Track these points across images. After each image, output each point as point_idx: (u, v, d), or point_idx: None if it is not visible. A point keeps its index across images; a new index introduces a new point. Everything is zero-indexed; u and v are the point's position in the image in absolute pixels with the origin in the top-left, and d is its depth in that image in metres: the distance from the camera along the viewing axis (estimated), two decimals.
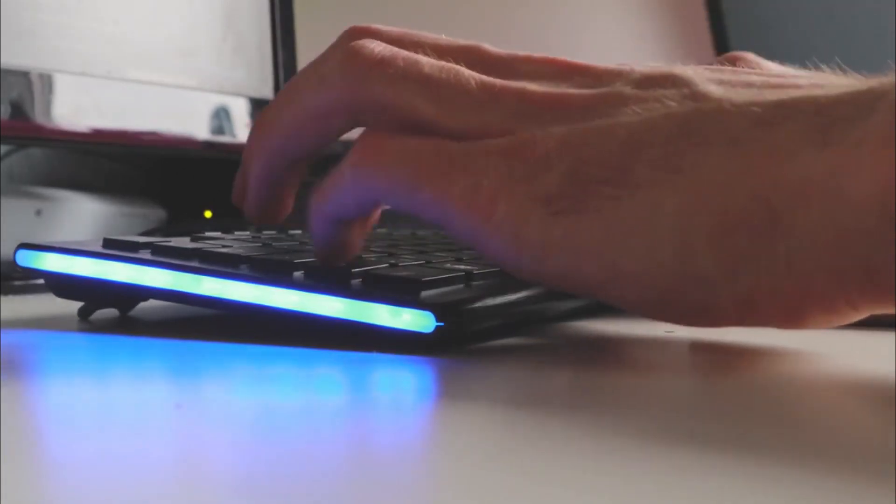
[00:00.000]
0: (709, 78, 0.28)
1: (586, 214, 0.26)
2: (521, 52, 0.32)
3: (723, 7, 1.06)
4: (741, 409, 0.23)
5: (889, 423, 0.22)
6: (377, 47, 0.31)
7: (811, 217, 0.24)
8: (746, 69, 0.30)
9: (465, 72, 0.30)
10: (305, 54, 0.72)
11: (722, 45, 1.05)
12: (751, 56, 0.37)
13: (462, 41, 0.32)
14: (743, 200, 0.25)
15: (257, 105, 0.67)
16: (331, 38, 0.33)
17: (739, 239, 0.25)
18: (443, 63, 0.30)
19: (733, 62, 0.35)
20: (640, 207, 0.26)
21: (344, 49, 0.31)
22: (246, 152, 0.35)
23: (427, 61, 0.30)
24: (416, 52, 0.31)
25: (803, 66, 0.33)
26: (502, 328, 0.34)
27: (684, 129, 0.26)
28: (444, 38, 0.33)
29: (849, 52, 1.15)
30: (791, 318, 0.26)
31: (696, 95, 0.27)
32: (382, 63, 0.30)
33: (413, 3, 0.85)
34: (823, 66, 0.30)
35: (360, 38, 0.31)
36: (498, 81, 0.30)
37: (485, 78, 0.30)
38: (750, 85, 0.28)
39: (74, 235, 0.62)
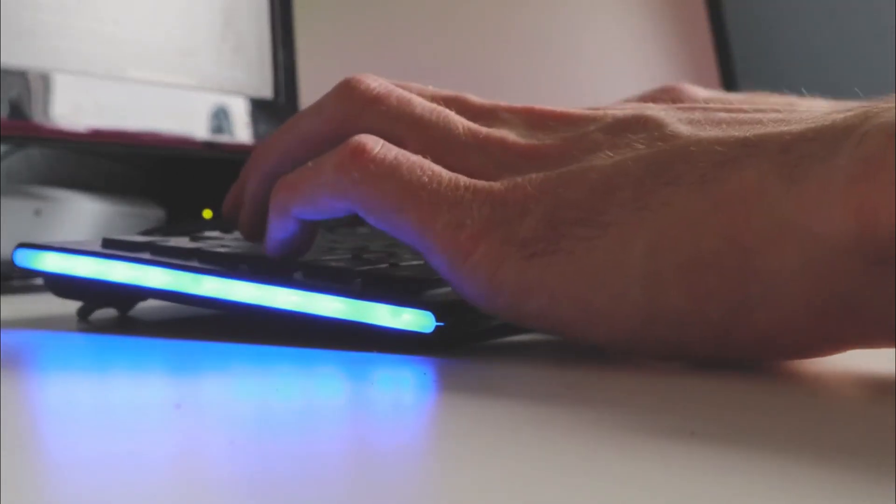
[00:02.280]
0: (679, 118, 0.29)
1: (560, 255, 0.27)
2: (502, 103, 0.33)
3: (723, 7, 1.06)
4: (742, 407, 0.23)
5: (889, 421, 0.22)
6: (373, 83, 0.32)
7: (785, 257, 0.24)
8: (717, 107, 0.30)
9: (454, 116, 0.31)
10: (305, 54, 0.72)
11: (722, 46, 1.05)
12: (684, 86, 0.38)
13: (446, 91, 0.34)
14: (713, 239, 0.25)
15: (257, 105, 0.67)
16: (330, 38, 0.34)
17: (710, 277, 0.25)
18: (434, 105, 0.32)
19: (669, 93, 0.36)
20: (610, 246, 0.26)
21: (342, 83, 0.33)
22: (243, 171, 0.36)
23: (419, 102, 0.32)
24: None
25: (803, 66, 0.33)
26: (502, 328, 0.34)
27: (653, 170, 0.27)
28: (430, 88, 0.34)
29: (848, 51, 1.15)
30: (765, 351, 0.27)
31: (665, 137, 0.28)
32: (377, 99, 0.32)
33: (413, 4, 0.85)
34: (786, 91, 0.30)
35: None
36: (483, 129, 0.31)
37: (471, 124, 0.31)
38: (718, 123, 0.28)
39: (74, 235, 0.62)
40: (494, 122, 0.32)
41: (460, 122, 0.31)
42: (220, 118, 0.65)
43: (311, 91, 0.74)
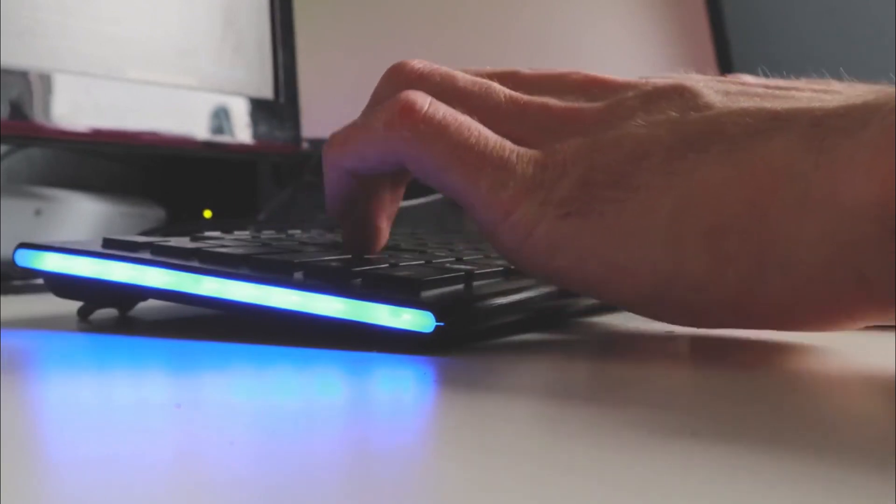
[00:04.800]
0: (715, 90, 0.30)
1: (591, 216, 0.28)
2: (548, 71, 0.34)
3: (722, 6, 1.06)
4: (744, 403, 0.23)
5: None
6: (418, 64, 0.34)
7: (806, 226, 0.25)
8: (754, 82, 0.31)
9: (496, 86, 0.32)
10: (305, 54, 0.72)
11: (721, 45, 1.05)
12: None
13: (500, 68, 0.35)
14: (736, 205, 0.26)
15: (257, 105, 0.67)
16: (330, 38, 0.34)
17: (731, 242, 0.26)
18: (476, 78, 0.33)
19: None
20: (638, 209, 0.27)
21: (389, 69, 0.34)
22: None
23: (462, 76, 0.33)
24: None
25: (803, 66, 0.33)
26: (502, 328, 0.34)
27: (684, 138, 0.28)
28: (486, 68, 0.35)
29: (847, 50, 1.15)
30: (781, 320, 0.27)
31: (699, 107, 0.29)
32: (421, 77, 0.33)
33: (413, 4, 0.85)
34: (826, 74, 0.30)
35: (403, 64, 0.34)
36: (524, 96, 0.32)
37: (513, 93, 0.32)
38: (753, 96, 0.29)
39: (74, 235, 0.62)
40: (539, 90, 0.33)
41: (502, 91, 0.32)
42: (220, 118, 0.65)
43: (311, 91, 0.74)
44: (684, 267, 0.27)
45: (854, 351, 0.32)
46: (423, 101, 0.31)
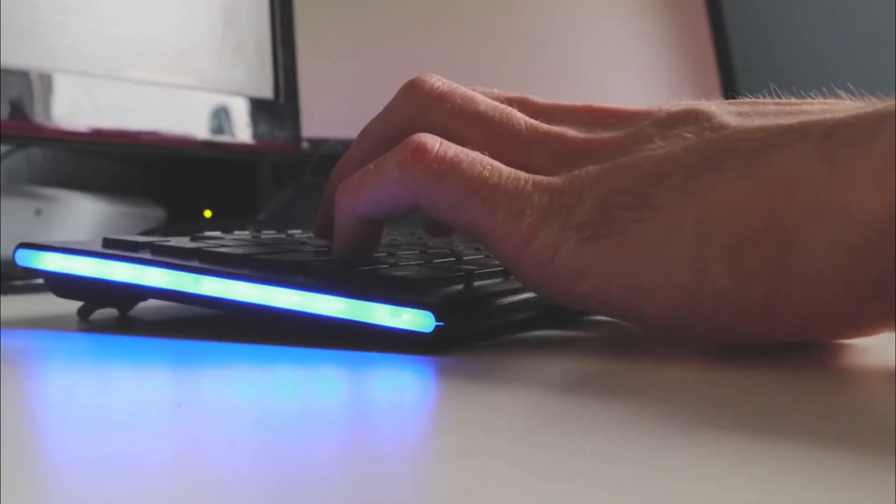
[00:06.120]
0: (728, 111, 0.30)
1: (613, 238, 0.28)
2: (563, 102, 0.34)
3: (723, 7, 1.06)
4: (745, 398, 0.23)
5: None
6: (437, 82, 0.33)
7: (822, 235, 0.25)
8: (766, 101, 0.31)
9: (517, 113, 0.33)
10: (305, 54, 0.72)
11: (721, 45, 1.05)
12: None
13: (510, 92, 0.35)
14: (756, 220, 0.26)
15: (257, 104, 0.67)
16: (330, 38, 0.34)
17: (752, 254, 0.26)
18: (496, 103, 0.33)
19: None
20: (659, 228, 0.28)
21: (406, 84, 0.34)
22: (327, 189, 0.36)
23: (483, 99, 0.33)
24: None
25: (803, 66, 0.33)
26: (502, 327, 0.34)
27: (701, 158, 0.28)
28: (495, 90, 0.35)
29: (848, 51, 1.15)
30: (806, 330, 0.28)
31: (714, 127, 0.29)
32: (441, 97, 0.33)
33: (413, 4, 0.85)
34: (839, 92, 0.31)
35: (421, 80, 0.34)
36: (544, 125, 0.32)
37: (533, 121, 0.32)
38: (766, 114, 0.29)
39: (74, 235, 0.62)
40: (555, 120, 0.33)
41: (522, 118, 0.32)
42: (220, 118, 0.65)
43: (311, 91, 0.74)
44: (709, 283, 0.27)
45: (877, 347, 0.32)
46: (434, 142, 0.31)
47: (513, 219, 0.29)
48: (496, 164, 0.30)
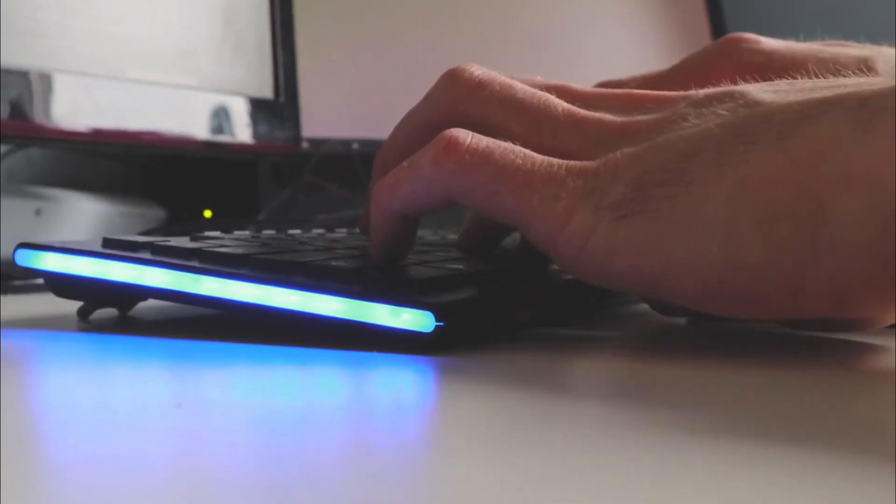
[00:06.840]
0: (764, 89, 0.30)
1: (647, 215, 0.28)
2: (603, 89, 0.35)
3: (723, 7, 1.06)
4: (745, 398, 0.23)
5: None
6: (476, 71, 0.34)
7: (853, 205, 0.25)
8: (801, 79, 0.31)
9: (554, 99, 0.33)
10: (305, 54, 0.72)
11: None
12: (751, 36, 0.39)
13: (550, 80, 0.35)
14: (788, 191, 0.26)
15: (257, 104, 0.67)
16: (330, 38, 0.34)
17: (785, 227, 0.26)
18: (534, 90, 0.33)
19: (735, 43, 0.37)
20: (691, 202, 0.28)
21: (446, 73, 0.35)
22: (372, 181, 0.37)
23: (521, 87, 0.33)
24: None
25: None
26: (501, 328, 0.34)
27: (735, 132, 0.28)
28: (537, 78, 0.36)
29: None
30: (837, 304, 0.27)
31: (748, 104, 0.29)
32: (481, 85, 0.33)
33: (413, 4, 0.85)
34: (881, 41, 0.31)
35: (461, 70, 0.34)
36: (581, 111, 0.32)
37: (570, 107, 0.33)
38: (801, 90, 0.29)
39: (74, 235, 0.62)
40: (593, 107, 0.33)
41: (560, 104, 0.33)
42: (220, 118, 0.65)
43: (311, 91, 0.74)
44: (742, 257, 0.27)
45: (877, 347, 0.32)
46: (465, 135, 0.31)
47: (547, 203, 0.29)
48: (528, 152, 0.31)
